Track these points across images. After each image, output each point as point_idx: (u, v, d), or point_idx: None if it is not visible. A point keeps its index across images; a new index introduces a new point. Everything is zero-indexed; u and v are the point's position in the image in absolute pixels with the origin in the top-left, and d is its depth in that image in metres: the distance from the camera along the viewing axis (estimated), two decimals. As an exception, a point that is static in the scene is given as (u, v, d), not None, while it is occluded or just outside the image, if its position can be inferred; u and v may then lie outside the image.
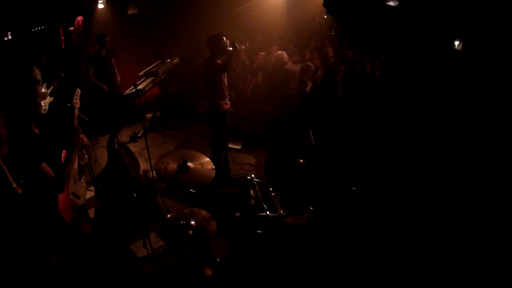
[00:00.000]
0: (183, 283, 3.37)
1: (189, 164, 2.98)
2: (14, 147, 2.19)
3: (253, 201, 3.64)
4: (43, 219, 2.48)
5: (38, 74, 5.27)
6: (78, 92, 3.57)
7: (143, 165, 5.34)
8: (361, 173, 4.70)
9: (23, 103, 2.53)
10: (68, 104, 4.18)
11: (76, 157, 2.82)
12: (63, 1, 6.28)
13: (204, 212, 3.00)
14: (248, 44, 4.87)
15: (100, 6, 6.90)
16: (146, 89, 6.37)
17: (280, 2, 8.68)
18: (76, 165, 2.96)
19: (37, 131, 2.66)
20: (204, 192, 3.60)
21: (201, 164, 3.07)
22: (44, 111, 5.30)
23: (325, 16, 9.53)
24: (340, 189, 3.97)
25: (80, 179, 3.12)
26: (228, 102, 4.71)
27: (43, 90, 5.34)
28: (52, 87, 5.44)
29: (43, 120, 2.74)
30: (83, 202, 3.03)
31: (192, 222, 2.85)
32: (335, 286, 3.19)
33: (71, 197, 2.83)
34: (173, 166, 2.96)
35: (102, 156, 5.43)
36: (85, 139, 2.77)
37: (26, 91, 2.57)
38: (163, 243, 3.78)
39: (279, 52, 6.19)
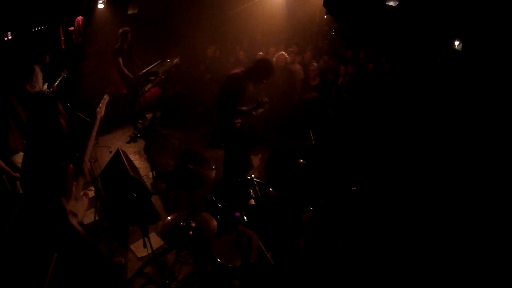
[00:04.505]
0: (183, 282, 3.38)
1: (189, 164, 2.98)
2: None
3: (253, 201, 3.65)
4: (44, 220, 2.48)
5: (39, 74, 5.28)
6: (105, 99, 3.35)
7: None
8: (361, 173, 4.70)
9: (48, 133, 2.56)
10: (68, 104, 4.19)
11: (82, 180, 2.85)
12: (63, 1, 6.27)
13: (204, 213, 3.00)
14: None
15: (100, 6, 6.89)
16: (146, 89, 6.38)
17: (280, 2, 8.67)
18: (81, 183, 2.89)
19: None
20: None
21: (201, 164, 3.07)
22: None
23: (325, 16, 9.54)
24: (340, 189, 3.97)
25: (83, 194, 3.03)
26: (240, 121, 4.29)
27: (44, 88, 5.33)
28: (52, 88, 5.44)
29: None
30: (80, 220, 2.88)
31: (192, 223, 2.85)
32: (336, 285, 3.20)
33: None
34: (173, 166, 2.96)
35: (102, 156, 5.44)
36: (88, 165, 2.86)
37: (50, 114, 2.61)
38: (163, 243, 3.78)
39: (281, 52, 6.19)
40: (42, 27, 6.01)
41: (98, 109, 3.21)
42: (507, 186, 4.23)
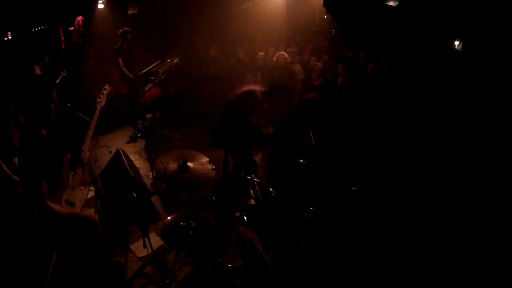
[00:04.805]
0: (183, 282, 3.38)
1: (189, 164, 2.99)
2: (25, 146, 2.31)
3: (253, 201, 3.64)
4: (40, 218, 2.49)
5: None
6: (106, 89, 3.34)
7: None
8: (361, 173, 4.70)
9: (38, 107, 2.61)
10: (68, 104, 4.18)
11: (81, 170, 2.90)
12: (63, 1, 6.28)
13: (204, 213, 3.01)
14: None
15: (100, 6, 6.90)
16: (146, 89, 6.39)
17: (280, 2, 8.68)
18: (79, 173, 2.94)
19: (44, 134, 2.71)
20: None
21: (201, 164, 3.07)
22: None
23: (325, 16, 9.55)
24: (340, 189, 3.97)
25: (83, 184, 3.06)
26: None
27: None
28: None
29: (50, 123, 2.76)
30: (78, 210, 2.90)
31: (192, 223, 2.85)
32: (336, 285, 3.20)
33: (62, 204, 2.77)
34: (173, 166, 2.96)
35: (102, 156, 5.44)
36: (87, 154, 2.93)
37: (44, 94, 2.68)
38: (163, 243, 3.78)
39: (281, 52, 6.19)
40: (42, 27, 6.01)
41: (98, 99, 3.21)
42: (507, 185, 4.23)
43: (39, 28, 5.96)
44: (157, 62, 6.82)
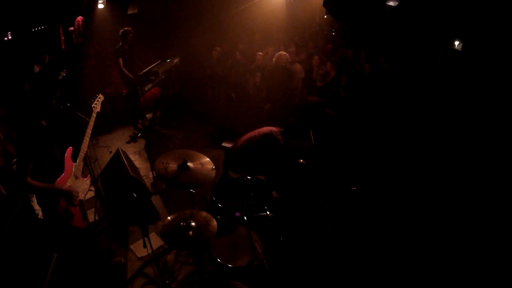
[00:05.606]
0: (183, 282, 3.38)
1: (189, 164, 2.99)
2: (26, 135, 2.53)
3: (253, 201, 3.65)
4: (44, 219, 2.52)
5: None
6: (100, 98, 3.60)
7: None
8: (361, 173, 4.70)
9: (41, 101, 2.85)
10: (68, 104, 4.20)
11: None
12: (63, 1, 6.27)
13: (204, 213, 3.00)
14: None
15: (100, 6, 6.90)
16: (146, 89, 6.39)
17: (280, 2, 8.68)
18: (80, 163, 3.14)
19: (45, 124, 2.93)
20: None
21: (201, 164, 3.07)
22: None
23: (325, 16, 9.55)
24: (340, 189, 3.97)
25: (84, 176, 3.18)
26: None
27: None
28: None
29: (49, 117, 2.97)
30: (82, 198, 3.10)
31: (192, 223, 2.85)
32: (336, 284, 3.20)
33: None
34: (173, 166, 2.96)
35: (102, 156, 5.44)
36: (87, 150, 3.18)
37: (50, 90, 2.93)
38: (163, 243, 3.78)
39: (281, 52, 6.18)
40: (42, 27, 6.00)
41: (94, 105, 3.46)
42: (507, 186, 4.23)
43: (39, 28, 5.95)
44: (157, 62, 6.82)
